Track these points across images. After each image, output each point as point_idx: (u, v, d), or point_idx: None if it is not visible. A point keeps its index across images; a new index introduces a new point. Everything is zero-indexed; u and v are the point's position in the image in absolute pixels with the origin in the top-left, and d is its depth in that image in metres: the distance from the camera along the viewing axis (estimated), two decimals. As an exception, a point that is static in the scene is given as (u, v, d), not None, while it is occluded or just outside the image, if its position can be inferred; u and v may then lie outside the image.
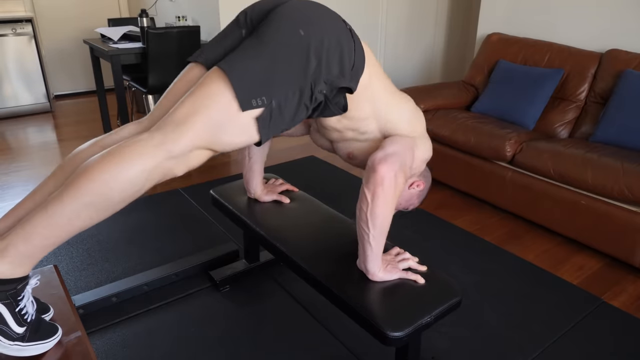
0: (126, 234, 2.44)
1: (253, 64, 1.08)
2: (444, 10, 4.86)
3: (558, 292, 2.09)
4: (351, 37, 1.20)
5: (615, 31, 2.83)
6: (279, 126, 1.14)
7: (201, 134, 1.05)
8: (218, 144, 1.08)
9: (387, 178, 1.24)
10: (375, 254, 1.34)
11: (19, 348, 1.00)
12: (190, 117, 1.04)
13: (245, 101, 1.06)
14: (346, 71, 1.18)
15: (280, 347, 1.75)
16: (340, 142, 1.45)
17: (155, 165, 1.02)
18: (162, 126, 1.05)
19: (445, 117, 2.94)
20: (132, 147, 1.01)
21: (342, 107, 1.26)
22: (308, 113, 1.19)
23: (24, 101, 4.34)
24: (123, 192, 1.00)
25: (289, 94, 1.11)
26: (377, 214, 1.27)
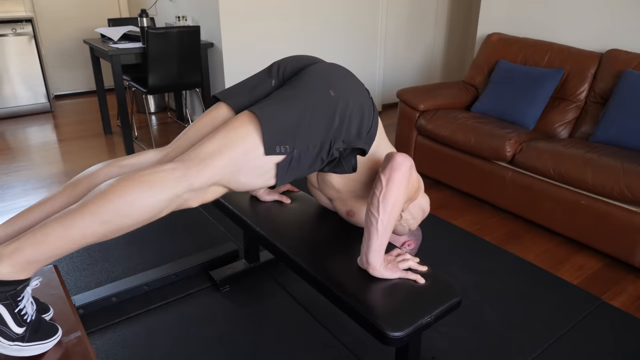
0: (126, 234, 2.44)
1: (283, 113, 1.17)
2: (444, 10, 4.86)
3: (558, 292, 2.09)
4: (372, 104, 1.32)
5: (615, 31, 2.83)
6: (295, 174, 1.22)
7: (223, 171, 1.12)
8: (236, 182, 1.15)
9: (404, 165, 1.29)
10: (379, 244, 1.34)
11: (18, 348, 1.00)
12: (216, 155, 1.11)
13: (270, 146, 1.14)
14: (363, 134, 1.29)
15: (280, 347, 1.75)
16: (338, 201, 1.54)
17: (175, 196, 1.07)
18: (187, 159, 1.11)
19: (445, 117, 2.94)
20: (156, 175, 1.06)
21: (353, 166, 1.35)
22: (322, 166, 1.28)
23: (24, 101, 4.34)
24: (140, 216, 1.04)
25: (310, 146, 1.20)
26: (388, 199, 1.29)
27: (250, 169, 1.15)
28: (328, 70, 1.28)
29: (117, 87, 3.35)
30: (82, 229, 1.00)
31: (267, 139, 1.13)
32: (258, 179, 1.18)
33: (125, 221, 1.03)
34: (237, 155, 1.12)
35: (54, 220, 1.00)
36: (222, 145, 1.12)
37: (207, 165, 1.10)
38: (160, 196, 1.04)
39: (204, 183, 1.10)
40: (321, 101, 1.21)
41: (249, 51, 3.63)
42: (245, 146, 1.13)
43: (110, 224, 1.01)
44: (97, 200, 1.01)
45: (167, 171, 1.07)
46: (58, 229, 0.99)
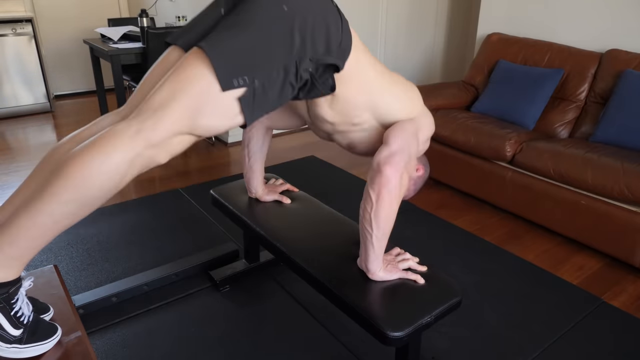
0: (126, 234, 2.44)
1: (234, 42, 1.03)
2: (444, 10, 4.86)
3: (558, 292, 2.09)
4: (338, 14, 1.15)
5: (615, 31, 2.83)
6: (264, 107, 1.09)
7: (181, 119, 1.00)
8: (200, 128, 1.04)
9: (393, 180, 1.24)
10: (376, 254, 1.34)
11: (16, 350, 1.00)
12: (169, 102, 1.00)
13: (226, 81, 1.01)
14: (333, 49, 1.13)
15: (280, 347, 1.75)
16: (337, 134, 1.41)
17: (135, 156, 0.98)
18: (140, 113, 1.00)
19: (445, 117, 2.94)
20: (108, 138, 0.96)
21: (330, 86, 1.20)
22: (294, 93, 1.15)
23: (24, 101, 4.33)
24: (103, 185, 0.96)
25: (272, 73, 1.06)
26: (381, 216, 1.27)
27: (211, 110, 1.02)
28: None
29: (117, 87, 3.34)
30: (49, 213, 0.94)
31: (220, 73, 1.00)
32: (223, 120, 1.05)
33: (89, 194, 0.95)
34: (192, 98, 1.00)
35: (20, 211, 0.95)
36: (173, 90, 1.00)
37: (161, 116, 0.99)
38: (117, 159, 0.96)
39: (163, 136, 0.99)
40: (274, 19, 1.05)
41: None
42: (198, 86, 1.00)
43: (76, 201, 0.95)
44: (54, 181, 0.94)
45: (120, 131, 0.97)
46: (26, 219, 0.94)
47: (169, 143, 1.02)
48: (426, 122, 1.41)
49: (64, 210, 0.95)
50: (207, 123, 1.03)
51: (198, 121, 1.02)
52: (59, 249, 2.30)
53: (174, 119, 1.00)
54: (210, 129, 1.05)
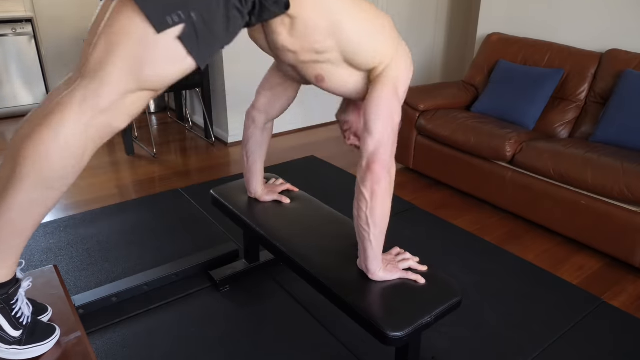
0: (126, 234, 2.44)
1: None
2: (444, 10, 4.86)
3: (558, 292, 2.09)
4: None
5: (615, 31, 2.83)
6: (212, 42, 1.00)
7: (124, 76, 0.92)
8: (149, 80, 0.95)
9: (383, 176, 1.25)
10: (375, 253, 1.34)
11: (16, 352, 0.99)
12: (106, 61, 0.91)
13: (159, 21, 0.91)
14: None
15: (280, 348, 1.75)
16: (301, 65, 1.27)
17: (87, 125, 0.91)
18: (81, 79, 0.93)
19: (445, 117, 2.94)
20: (54, 113, 0.90)
21: (284, 3, 1.09)
22: (244, 19, 1.04)
23: (24, 101, 4.33)
24: (63, 164, 0.91)
25: (212, 2, 0.96)
26: (376, 213, 1.27)
27: (155, 57, 0.93)
28: None
29: (117, 87, 3.34)
30: (19, 206, 0.90)
31: (150, 14, 0.90)
32: (171, 66, 0.96)
33: (51, 176, 0.90)
34: (129, 49, 0.91)
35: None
36: (107, 46, 0.91)
37: (102, 77, 0.91)
38: (68, 134, 0.89)
39: (110, 99, 0.92)
40: None
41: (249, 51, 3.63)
42: (132, 35, 0.91)
43: (40, 186, 0.90)
44: (14, 169, 0.90)
45: (65, 102, 0.91)
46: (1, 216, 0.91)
47: (122, 105, 0.94)
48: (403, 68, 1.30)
49: (32, 198, 0.91)
50: (153, 73, 0.95)
51: (143, 73, 0.94)
52: (59, 249, 2.30)
53: (116, 77, 0.92)
54: (160, 79, 0.97)
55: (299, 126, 4.18)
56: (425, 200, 2.93)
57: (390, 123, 1.27)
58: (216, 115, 3.86)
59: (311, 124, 4.26)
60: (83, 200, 2.81)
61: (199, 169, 3.30)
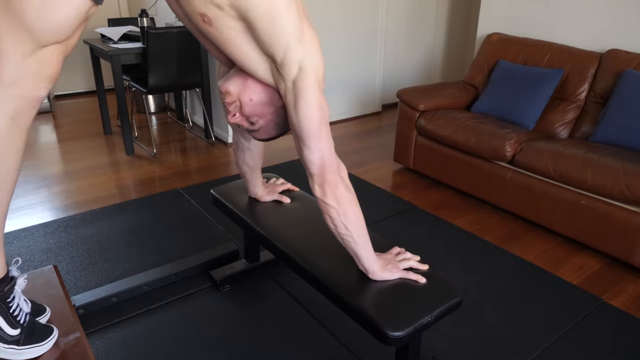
0: (126, 234, 2.44)
1: None
2: (444, 10, 4.86)
3: (558, 292, 2.09)
4: None
5: (615, 31, 2.83)
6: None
7: (13, 38, 0.82)
8: (43, 34, 0.84)
9: (339, 180, 1.25)
10: (367, 252, 1.34)
11: (14, 352, 0.99)
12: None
13: None
14: None
15: (280, 347, 1.75)
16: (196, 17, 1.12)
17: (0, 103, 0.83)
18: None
19: (445, 117, 2.94)
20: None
21: None
22: None
23: (24, 101, 4.33)
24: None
25: None
26: (349, 213, 1.28)
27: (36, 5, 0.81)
28: None
29: (117, 87, 3.34)
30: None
31: None
32: (61, 7, 0.84)
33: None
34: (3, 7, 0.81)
35: None
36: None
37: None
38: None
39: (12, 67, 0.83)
40: None
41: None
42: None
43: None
44: None
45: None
46: None
47: (28, 70, 0.84)
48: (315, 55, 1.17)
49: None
50: (43, 24, 0.83)
51: (32, 27, 0.83)
52: (59, 249, 2.30)
53: (5, 43, 0.82)
54: (55, 28, 0.85)
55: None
56: (425, 200, 2.93)
57: (325, 127, 1.21)
58: (216, 115, 3.86)
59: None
60: (83, 200, 2.81)
61: (199, 169, 3.30)
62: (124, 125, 3.45)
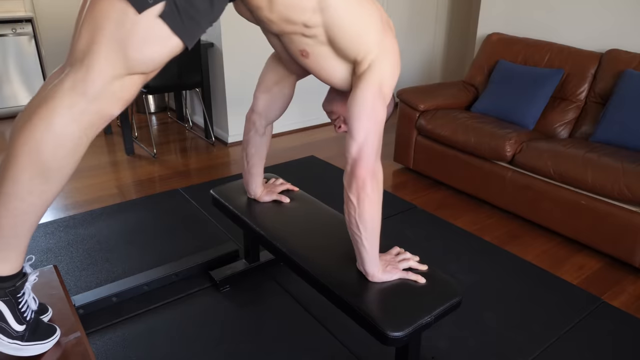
0: (126, 234, 2.44)
1: None
2: (444, 10, 4.86)
3: (558, 292, 2.09)
4: None
5: (615, 31, 2.83)
6: (197, 18, 0.97)
7: (110, 61, 0.91)
8: (136, 63, 0.94)
9: (369, 180, 1.24)
10: (371, 256, 1.34)
11: (17, 347, 1.00)
12: (90, 47, 0.91)
13: (138, 1, 0.90)
14: None
15: (280, 347, 1.75)
16: (286, 37, 1.26)
17: (78, 113, 0.90)
18: (69, 67, 0.93)
19: (445, 117, 2.94)
20: (46, 102, 0.90)
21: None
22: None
23: (24, 101, 4.33)
24: (57, 154, 0.90)
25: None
26: (365, 217, 1.27)
27: (139, 39, 0.91)
28: None
29: (117, 87, 3.34)
30: (17, 196, 0.90)
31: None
32: (156, 46, 0.94)
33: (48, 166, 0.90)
34: (112, 33, 0.90)
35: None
36: (90, 31, 0.90)
37: (88, 63, 0.90)
38: (60, 123, 0.89)
39: (99, 85, 0.91)
40: None
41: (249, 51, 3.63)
42: (113, 18, 0.89)
43: (38, 176, 0.90)
44: (9, 160, 0.90)
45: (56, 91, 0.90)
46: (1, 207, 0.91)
47: (111, 91, 0.93)
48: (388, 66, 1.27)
49: (29, 189, 0.91)
50: (140, 56, 0.93)
51: (129, 56, 0.92)
52: (59, 249, 2.30)
53: (102, 63, 0.91)
54: (147, 61, 0.95)
55: (298, 126, 4.18)
56: (425, 200, 2.93)
57: (373, 124, 1.25)
58: (216, 115, 3.86)
59: (311, 124, 4.26)
60: (83, 200, 2.81)
61: (199, 169, 3.30)
62: (124, 125, 3.46)
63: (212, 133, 3.82)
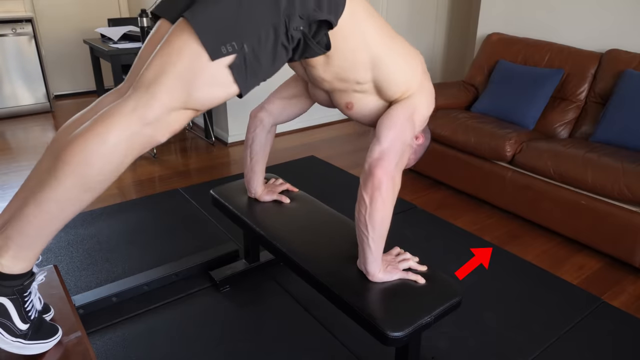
0: (126, 234, 2.44)
1: (217, 8, 1.00)
2: (444, 10, 4.86)
3: (558, 292, 2.09)
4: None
5: (615, 31, 2.83)
6: (259, 73, 1.06)
7: (174, 93, 0.99)
8: (195, 101, 1.02)
9: (385, 182, 1.24)
10: (374, 256, 1.34)
11: (20, 345, 1.00)
12: (159, 78, 0.98)
13: (214, 49, 0.98)
14: (324, 3, 1.08)
15: (280, 347, 1.75)
16: (335, 93, 1.36)
17: (132, 134, 0.97)
18: (133, 91, 0.99)
19: (445, 117, 2.94)
20: (104, 119, 0.96)
21: (325, 45, 1.15)
22: (289, 55, 1.11)
23: (24, 101, 4.33)
24: (104, 168, 0.96)
25: (261, 35, 1.02)
26: (375, 218, 1.27)
27: (204, 81, 1.00)
28: None
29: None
30: (54, 200, 0.94)
31: (206, 42, 0.97)
32: (217, 90, 1.03)
33: (91, 178, 0.95)
34: (182, 71, 0.98)
35: (28, 199, 0.95)
36: (162, 65, 0.98)
37: (154, 92, 0.98)
38: (114, 140, 0.95)
39: (158, 113, 0.98)
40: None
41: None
42: (187, 58, 0.98)
43: (79, 186, 0.94)
44: (55, 167, 0.94)
45: (116, 111, 0.96)
46: (33, 208, 0.94)
47: (166, 120, 1.00)
48: (424, 100, 1.36)
49: (68, 196, 0.95)
50: (201, 95, 1.02)
51: (191, 94, 1.00)
52: (59, 249, 2.30)
53: (166, 94, 0.98)
54: (205, 101, 1.03)
55: (299, 126, 4.18)
56: (425, 200, 2.93)
57: (400, 137, 1.29)
58: (216, 115, 3.86)
59: (311, 124, 4.26)
60: (83, 200, 2.81)
61: (199, 169, 3.30)
62: (124, 125, 3.45)
63: (212, 133, 3.82)
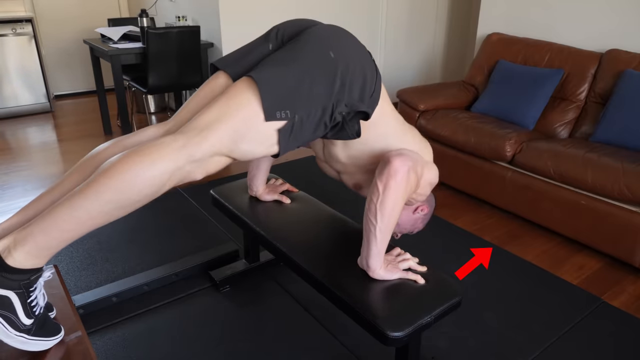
0: (126, 234, 2.44)
1: (283, 76, 1.13)
2: (444, 10, 4.86)
3: (558, 292, 2.09)
4: (374, 68, 1.27)
5: (615, 31, 2.83)
6: (298, 140, 1.18)
7: (223, 141, 1.09)
8: (238, 152, 1.12)
9: (401, 171, 1.28)
10: (379, 249, 1.34)
11: (23, 340, 1.01)
12: (215, 124, 1.08)
13: (270, 112, 1.10)
14: (366, 97, 1.24)
15: (280, 347, 1.75)
16: (345, 174, 1.52)
17: (176, 168, 1.05)
18: (186, 130, 1.08)
19: (445, 117, 2.94)
20: (155, 148, 1.04)
21: (356, 131, 1.29)
22: (326, 131, 1.24)
23: (24, 101, 4.34)
24: (143, 191, 1.02)
25: (312, 110, 1.16)
26: (386, 206, 1.28)
27: (252, 136, 1.11)
28: (328, 31, 1.22)
29: (117, 87, 3.35)
30: (87, 209, 0.99)
31: (266, 104, 1.10)
32: (260, 147, 1.14)
33: (129, 197, 1.02)
34: (237, 123, 1.09)
35: (61, 203, 1.00)
36: (221, 114, 1.10)
37: (207, 135, 1.08)
38: (160, 169, 1.03)
39: (205, 153, 1.08)
40: (321, 63, 1.16)
41: (249, 51, 3.63)
42: (244, 113, 1.10)
43: (115, 202, 1.01)
44: (99, 179, 1.00)
45: (167, 143, 1.05)
46: (65, 211, 0.99)
47: (208, 161, 1.10)
48: (432, 169, 1.46)
49: (102, 209, 1.00)
50: (245, 148, 1.12)
51: (238, 145, 1.11)
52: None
53: (217, 139, 1.08)
54: (247, 154, 1.14)
55: (299, 126, 4.17)
56: (425, 200, 2.93)
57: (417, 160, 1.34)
58: (216, 115, 3.85)
59: (311, 124, 4.25)
60: (83, 200, 2.81)
61: (199, 169, 3.30)
62: (124, 125, 3.45)
63: (212, 133, 3.82)
